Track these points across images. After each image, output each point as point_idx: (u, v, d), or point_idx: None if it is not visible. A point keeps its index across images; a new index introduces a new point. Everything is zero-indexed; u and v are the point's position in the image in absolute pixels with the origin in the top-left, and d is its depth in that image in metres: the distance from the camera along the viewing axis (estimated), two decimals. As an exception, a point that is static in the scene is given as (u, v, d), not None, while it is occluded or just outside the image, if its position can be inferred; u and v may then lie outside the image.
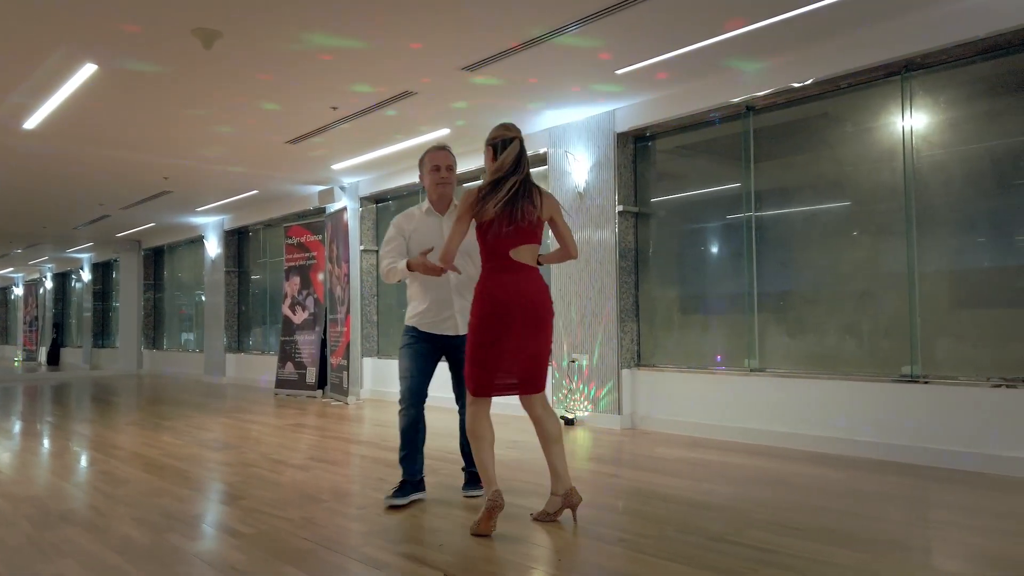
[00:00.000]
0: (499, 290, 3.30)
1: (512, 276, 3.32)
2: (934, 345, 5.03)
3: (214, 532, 3.45)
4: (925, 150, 5.10)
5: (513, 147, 3.35)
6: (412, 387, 3.83)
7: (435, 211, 3.94)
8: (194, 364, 14.43)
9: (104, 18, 4.57)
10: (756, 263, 5.98)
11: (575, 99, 6.41)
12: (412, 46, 5.12)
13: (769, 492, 4.09)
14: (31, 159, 8.21)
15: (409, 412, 3.83)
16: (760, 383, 5.78)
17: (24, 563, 3.02)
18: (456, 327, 3.85)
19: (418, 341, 3.88)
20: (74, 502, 4.07)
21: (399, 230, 3.94)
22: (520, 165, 3.35)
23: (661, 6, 4.53)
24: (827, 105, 5.64)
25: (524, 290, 3.31)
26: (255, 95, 6.13)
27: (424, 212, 3.96)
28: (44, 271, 22.75)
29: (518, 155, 3.35)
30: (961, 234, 4.99)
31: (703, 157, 6.64)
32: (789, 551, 3.01)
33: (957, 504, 3.84)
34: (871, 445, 5.03)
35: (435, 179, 3.90)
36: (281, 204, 11.50)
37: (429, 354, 3.88)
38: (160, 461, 5.28)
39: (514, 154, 3.33)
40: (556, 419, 3.49)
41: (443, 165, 3.91)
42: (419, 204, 4.04)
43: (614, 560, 2.97)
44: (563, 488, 3.42)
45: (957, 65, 4.93)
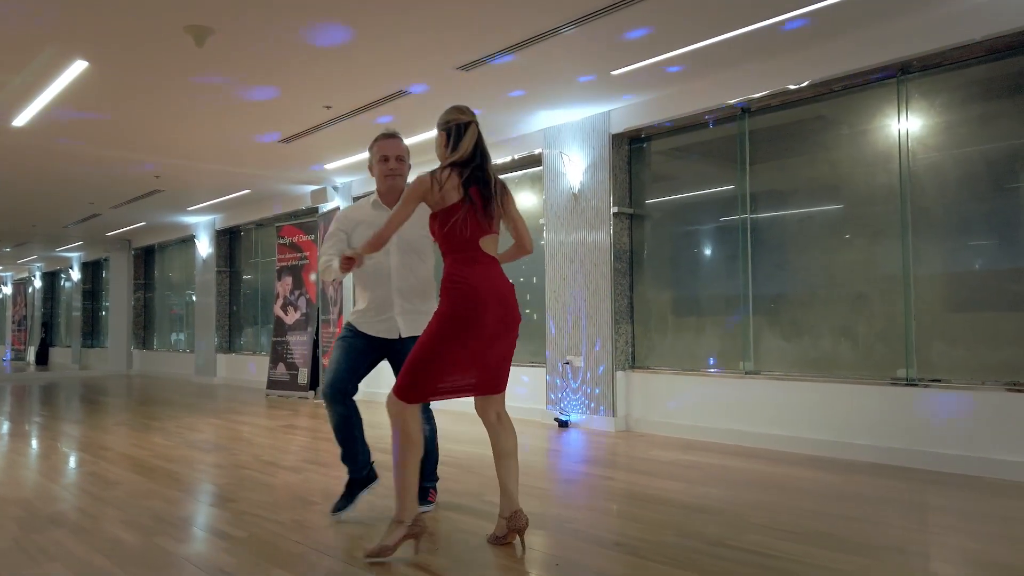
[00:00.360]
0: (476, 283, 2.94)
1: (485, 269, 2.98)
2: (929, 348, 5.02)
3: (204, 535, 3.40)
4: (921, 153, 5.09)
5: (471, 131, 3.03)
6: (334, 380, 3.51)
7: (383, 204, 3.65)
8: (184, 364, 14.33)
9: (96, 14, 4.51)
10: (751, 265, 5.97)
11: (570, 100, 6.39)
12: (407, 45, 5.08)
13: (765, 496, 4.07)
14: (20, 157, 8.13)
15: (335, 408, 3.54)
16: (755, 386, 5.76)
17: (11, 566, 2.96)
18: (396, 330, 3.57)
19: (353, 336, 3.61)
20: (62, 504, 4.01)
21: (341, 225, 3.67)
22: (481, 151, 3.04)
23: (658, 7, 4.51)
24: (823, 107, 5.63)
25: (499, 286, 3.00)
26: (243, 94, 6.08)
27: (371, 205, 3.67)
28: (33, 270, 22.58)
29: (477, 140, 3.04)
30: (956, 237, 4.98)
31: (698, 159, 6.63)
32: (789, 555, 2.98)
33: (954, 508, 3.82)
34: (866, 448, 5.02)
35: (383, 170, 3.60)
36: (273, 203, 11.43)
37: (362, 351, 3.58)
38: (150, 463, 5.21)
39: (474, 139, 3.02)
40: (513, 431, 3.14)
41: (392, 155, 3.60)
42: (369, 195, 3.77)
43: (613, 564, 2.93)
44: (509, 509, 3.06)
45: (953, 68, 4.92)
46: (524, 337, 7.76)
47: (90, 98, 6.13)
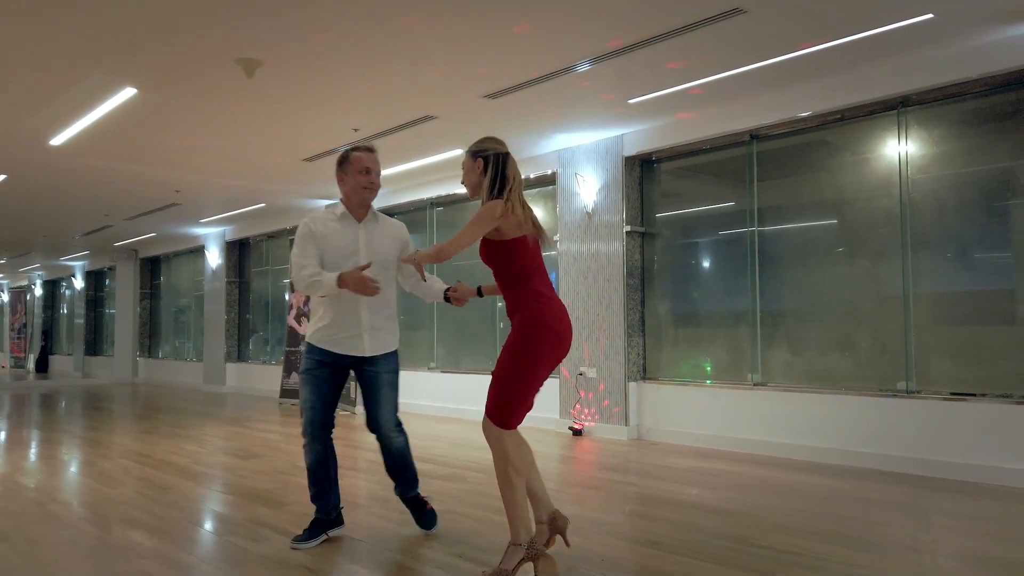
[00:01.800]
0: (561, 320, 3.02)
1: (559, 304, 3.08)
2: (927, 362, 5.38)
3: (273, 535, 3.69)
4: (919, 178, 5.47)
5: (512, 163, 3.11)
6: (315, 419, 3.49)
7: (351, 216, 3.52)
8: (191, 373, 14.55)
9: (150, 45, 4.81)
10: (759, 282, 6.32)
11: (585, 124, 6.73)
12: (437, 75, 5.39)
13: (778, 500, 4.40)
14: (50, 173, 8.39)
15: (315, 447, 3.51)
16: (762, 397, 6.10)
17: (105, 564, 3.25)
18: (363, 347, 3.47)
19: (319, 366, 3.48)
20: (127, 507, 4.28)
21: (311, 232, 3.46)
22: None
23: (670, 47, 4.85)
24: (828, 135, 5.99)
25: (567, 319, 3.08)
26: (281, 118, 6.39)
27: (339, 217, 3.51)
28: (33, 278, 22.69)
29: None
30: (952, 257, 5.35)
31: (707, 180, 6.98)
32: (813, 554, 3.31)
33: (952, 511, 4.16)
34: (869, 456, 5.36)
35: (363, 182, 3.49)
36: (286, 217, 11.71)
37: (331, 379, 3.51)
38: (193, 469, 5.49)
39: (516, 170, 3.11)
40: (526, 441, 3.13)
41: (374, 169, 3.52)
42: (331, 206, 3.61)
43: (654, 560, 3.25)
44: (547, 513, 3.21)
45: (950, 102, 5.30)
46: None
47: (132, 122, 6.42)
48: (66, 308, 21.88)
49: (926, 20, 4.53)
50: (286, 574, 3.10)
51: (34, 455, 6.24)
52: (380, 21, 4.47)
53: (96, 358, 19.00)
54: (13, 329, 24.31)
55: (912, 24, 4.57)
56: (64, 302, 22.09)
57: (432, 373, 9.15)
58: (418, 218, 9.77)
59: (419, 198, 9.32)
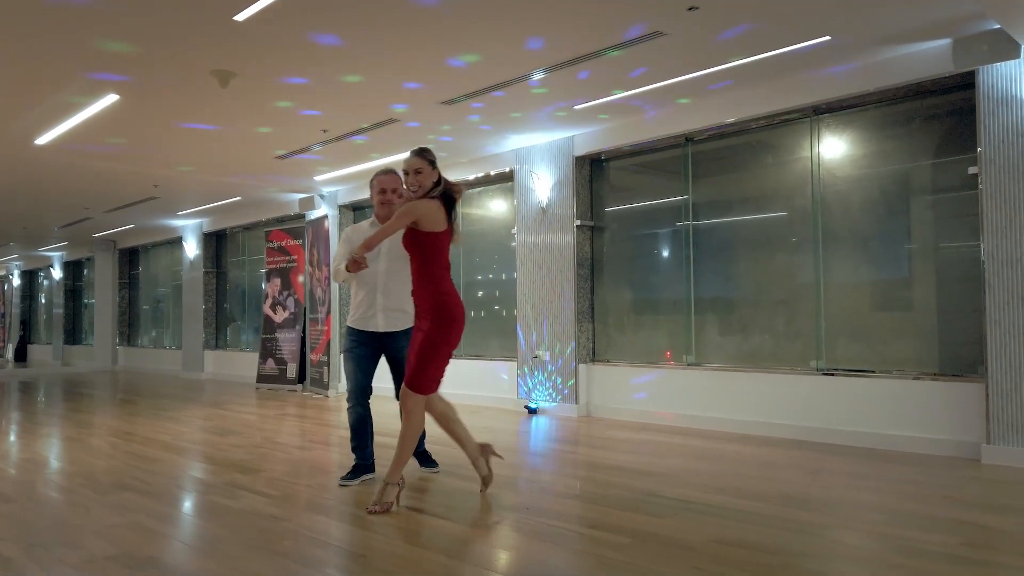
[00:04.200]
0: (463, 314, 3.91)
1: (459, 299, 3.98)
2: (835, 343, 6.04)
3: (247, 494, 4.26)
4: (829, 179, 6.10)
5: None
6: (357, 387, 4.42)
7: (379, 224, 4.44)
8: (171, 360, 15.00)
9: (129, 56, 5.30)
10: (693, 272, 6.95)
11: (539, 126, 7.30)
12: (402, 84, 5.93)
13: (695, 463, 5.04)
14: (34, 170, 8.81)
15: (357, 410, 4.43)
16: (697, 376, 6.74)
17: (102, 516, 3.80)
18: (378, 325, 4.40)
19: (358, 345, 4.44)
20: (120, 475, 4.82)
21: (347, 239, 4.51)
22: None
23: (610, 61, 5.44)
24: (751, 139, 6.62)
25: None
26: (257, 122, 6.89)
27: (370, 225, 4.53)
28: (11, 268, 22.89)
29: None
30: (858, 250, 6.00)
31: (650, 178, 7.59)
32: (706, 502, 3.94)
33: (845, 471, 4.81)
34: (786, 427, 6.02)
35: (382, 199, 4.46)
36: (261, 209, 12.18)
37: (368, 355, 4.45)
38: (177, 444, 6.03)
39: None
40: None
41: (388, 188, 4.46)
42: (369, 218, 4.64)
43: (570, 508, 3.88)
44: (475, 448, 4.12)
45: (853, 111, 5.94)
46: (498, 334, 8.70)
47: (113, 125, 6.90)
48: (45, 298, 22.14)
49: (824, 42, 5.14)
50: (257, 522, 3.67)
51: (26, 434, 6.74)
52: (345, 34, 4.99)
53: (76, 347, 19.35)
54: (-9, 319, 24.50)
55: (813, 45, 5.19)
56: (43, 292, 22.34)
57: (401, 358, 9.71)
58: (387, 211, 10.28)
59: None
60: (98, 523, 3.68)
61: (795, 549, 3.17)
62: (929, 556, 3.06)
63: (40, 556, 3.16)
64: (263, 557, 3.14)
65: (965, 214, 5.42)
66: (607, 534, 3.40)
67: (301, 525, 3.61)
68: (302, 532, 3.49)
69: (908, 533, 3.39)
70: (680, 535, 3.36)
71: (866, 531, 3.47)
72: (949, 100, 5.54)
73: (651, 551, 3.14)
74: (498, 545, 3.36)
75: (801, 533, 3.40)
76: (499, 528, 3.58)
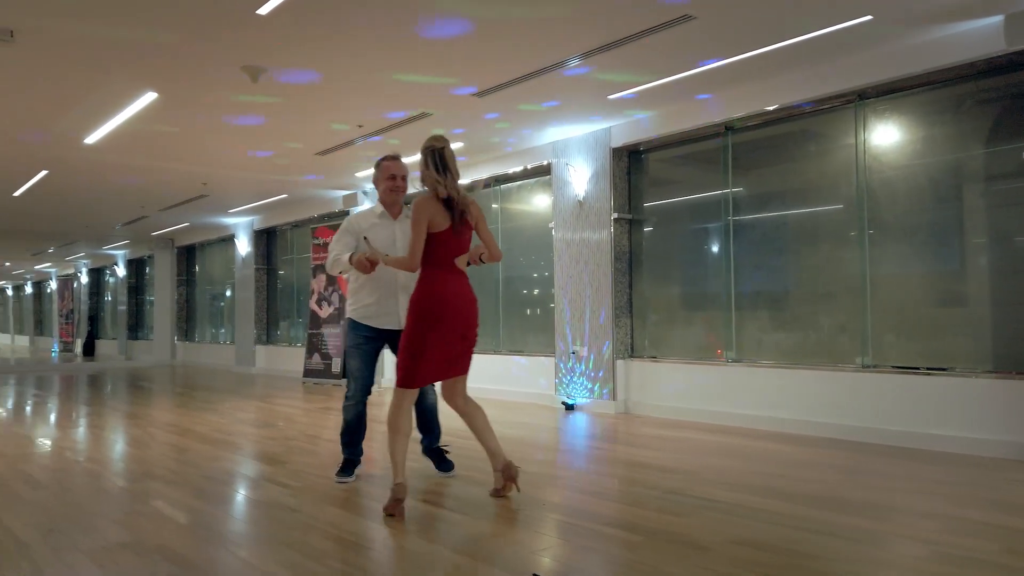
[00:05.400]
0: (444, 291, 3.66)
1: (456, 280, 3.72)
2: (883, 339, 5.76)
3: (269, 485, 4.28)
4: (876, 168, 5.82)
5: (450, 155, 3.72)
6: (361, 386, 4.28)
7: (388, 214, 4.29)
8: (225, 355, 15.37)
9: (163, 53, 5.39)
10: (734, 265, 6.73)
11: (575, 117, 7.18)
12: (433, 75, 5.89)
13: (725, 461, 4.86)
14: (87, 168, 9.11)
15: (357, 407, 4.31)
16: (737, 372, 6.52)
17: (126, 503, 3.87)
18: (398, 322, 4.17)
19: (367, 342, 4.25)
20: (150, 465, 4.91)
21: (351, 227, 4.23)
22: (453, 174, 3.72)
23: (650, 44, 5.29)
24: (793, 127, 6.37)
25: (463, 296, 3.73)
26: (291, 117, 6.96)
27: (378, 215, 4.28)
28: (79, 266, 23.82)
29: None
30: (906, 241, 5.71)
31: (689, 170, 7.40)
32: (729, 501, 3.78)
33: (882, 471, 4.57)
34: (827, 426, 5.77)
35: (390, 186, 4.25)
36: (308, 206, 12.36)
37: (374, 353, 4.32)
38: (211, 436, 6.13)
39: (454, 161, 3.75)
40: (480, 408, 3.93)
41: (399, 175, 4.27)
42: (373, 207, 4.39)
43: (588, 505, 3.77)
44: (501, 463, 3.84)
45: (900, 96, 5.65)
46: (536, 329, 8.61)
47: (156, 122, 7.06)
48: (110, 295, 22.98)
49: (866, 21, 4.90)
50: (272, 513, 3.68)
51: (74, 425, 6.96)
52: (376, 28, 4.98)
53: (138, 342, 20.02)
54: (61, 315, 25.59)
55: (854, 24, 4.94)
56: (108, 289, 23.19)
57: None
58: (428, 207, 10.29)
59: (428, 188, 9.84)
60: (119, 511, 3.74)
61: (813, 552, 3.00)
62: (968, 563, 2.86)
63: (56, 541, 3.22)
64: (270, 547, 3.13)
65: (1021, 203, 5.10)
66: (621, 532, 3.29)
67: (314, 517, 3.60)
68: (314, 524, 3.48)
69: (946, 538, 3.18)
70: (696, 534, 3.22)
71: (899, 535, 3.27)
72: (1003, 81, 5.21)
73: (662, 550, 3.02)
74: (508, 541, 3.28)
75: (825, 535, 3.22)
76: (512, 525, 3.50)
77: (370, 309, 4.24)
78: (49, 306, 28.97)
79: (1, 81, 5.86)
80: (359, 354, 4.29)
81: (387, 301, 4.21)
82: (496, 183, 9.15)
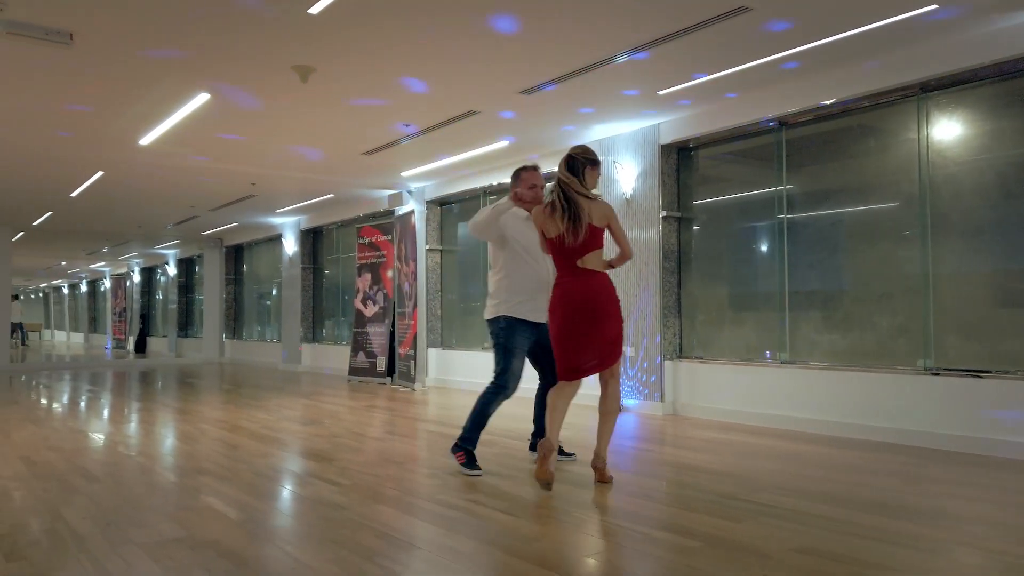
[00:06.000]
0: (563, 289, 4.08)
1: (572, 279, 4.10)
2: (946, 341, 5.54)
3: (318, 482, 4.28)
4: (939, 163, 5.61)
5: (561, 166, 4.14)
6: (516, 383, 4.46)
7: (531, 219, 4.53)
8: (272, 353, 15.58)
9: (214, 53, 5.45)
10: (788, 264, 6.56)
11: (622, 114, 7.08)
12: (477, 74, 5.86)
13: (780, 465, 4.72)
14: (142, 169, 9.29)
15: (501, 402, 4.48)
16: (790, 374, 6.35)
17: (179, 499, 3.90)
18: (545, 316, 4.38)
19: (527, 338, 4.46)
20: (202, 460, 4.97)
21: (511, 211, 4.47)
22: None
23: (699, 38, 5.17)
24: (852, 121, 6.17)
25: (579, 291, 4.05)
26: (338, 117, 6.99)
27: (524, 219, 4.54)
28: (132, 266, 24.43)
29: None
30: (971, 240, 5.49)
31: (740, 167, 7.23)
32: (785, 506, 3.66)
33: (948, 479, 4.39)
34: (885, 430, 5.58)
35: (534, 195, 4.53)
36: (353, 206, 12.46)
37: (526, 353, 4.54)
38: (260, 432, 6.18)
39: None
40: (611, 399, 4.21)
41: (538, 184, 4.58)
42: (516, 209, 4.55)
43: (639, 508, 3.68)
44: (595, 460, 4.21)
45: (966, 88, 5.43)
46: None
47: (207, 123, 7.16)
48: (161, 293, 23.51)
49: (931, 10, 4.71)
50: (320, 510, 3.67)
51: (127, 420, 7.10)
52: (420, 30, 4.96)
53: (188, 340, 20.43)
54: (114, 313, 26.26)
55: (918, 15, 4.76)
56: (159, 288, 23.73)
57: (487, 352, 9.70)
58: (472, 206, 10.30)
59: (472, 187, 9.84)
60: (172, 505, 3.77)
61: (880, 561, 2.87)
62: (1042, 577, 2.71)
63: (112, 535, 3.25)
64: (320, 545, 3.11)
65: (1096, 198, 4.86)
66: (677, 537, 3.20)
67: (364, 515, 3.58)
68: (363, 522, 3.46)
69: (1016, 549, 3.02)
70: (755, 541, 3.12)
71: (967, 544, 3.11)
72: (1078, 71, 4.98)
73: (721, 557, 2.92)
74: (561, 544, 3.21)
75: (891, 544, 3.08)
76: (562, 527, 3.43)
77: (527, 305, 4.45)
78: (103, 304, 29.76)
79: (60, 84, 5.99)
80: (520, 356, 4.47)
81: (540, 296, 4.43)
82: (541, 182, 9.08)
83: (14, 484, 4.26)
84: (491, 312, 4.54)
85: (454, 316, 10.67)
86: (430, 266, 10.68)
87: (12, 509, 3.72)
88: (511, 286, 4.48)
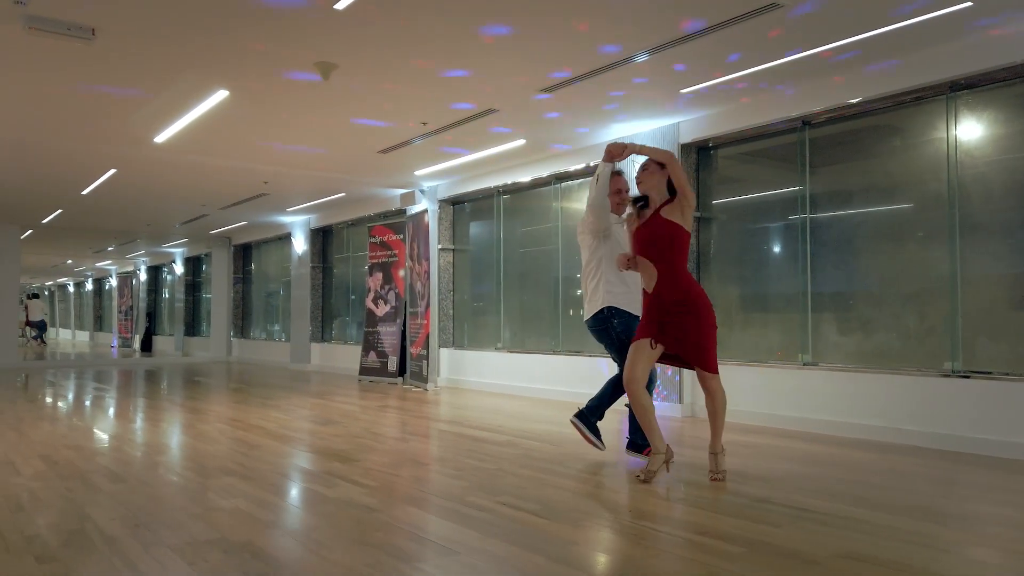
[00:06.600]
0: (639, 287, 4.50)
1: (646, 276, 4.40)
2: (974, 343, 5.48)
3: (345, 484, 4.22)
4: (968, 163, 5.55)
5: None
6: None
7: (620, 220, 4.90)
8: (280, 352, 15.53)
9: (236, 49, 5.39)
10: (810, 264, 6.50)
11: (642, 112, 7.02)
12: (498, 72, 5.81)
13: (809, 468, 4.66)
14: (155, 168, 9.25)
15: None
16: (812, 376, 6.29)
17: (205, 501, 3.84)
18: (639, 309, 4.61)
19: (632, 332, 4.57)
20: (223, 460, 4.91)
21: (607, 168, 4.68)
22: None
23: (722, 37, 5.11)
24: (878, 120, 6.11)
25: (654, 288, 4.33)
26: (356, 115, 6.94)
27: (615, 222, 4.84)
28: (138, 264, 24.38)
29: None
30: (1000, 241, 5.43)
31: (762, 166, 7.17)
32: (823, 511, 3.60)
33: (978, 483, 4.33)
34: (913, 434, 5.51)
35: (619, 199, 4.85)
36: (365, 205, 12.40)
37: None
38: (279, 432, 6.13)
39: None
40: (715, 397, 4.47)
41: (624, 189, 4.87)
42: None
43: (675, 511, 3.62)
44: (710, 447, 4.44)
45: (997, 86, 5.36)
46: (598, 329, 8.44)
47: (225, 121, 7.10)
48: (168, 292, 23.46)
49: (964, 8, 4.65)
50: (352, 512, 3.61)
51: (143, 420, 7.05)
52: (443, 27, 4.91)
53: (194, 338, 20.39)
54: (120, 311, 26.22)
55: (950, 13, 4.70)
56: (166, 286, 23.69)
57: (499, 353, 9.64)
58: (486, 205, 10.24)
59: (486, 186, 9.78)
60: (201, 507, 3.72)
61: (930, 567, 2.81)
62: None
63: (144, 536, 3.20)
64: (355, 548, 3.06)
65: None
66: (717, 542, 3.14)
67: (396, 517, 3.53)
68: (396, 524, 3.40)
69: (1069, 557, 2.96)
70: (800, 547, 3.05)
71: (1007, 550, 3.05)
72: (1112, 70, 4.91)
73: (768, 563, 2.86)
74: (599, 548, 3.16)
75: (938, 551, 3.03)
76: (600, 531, 3.38)
77: (630, 296, 4.73)
78: (109, 303, 29.73)
79: (80, 80, 5.94)
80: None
81: (637, 290, 4.62)
82: (557, 180, 9.03)
83: (37, 484, 4.21)
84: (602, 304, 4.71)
85: (466, 316, 10.62)
86: (442, 265, 10.63)
87: (39, 510, 3.67)
88: (615, 280, 4.74)
